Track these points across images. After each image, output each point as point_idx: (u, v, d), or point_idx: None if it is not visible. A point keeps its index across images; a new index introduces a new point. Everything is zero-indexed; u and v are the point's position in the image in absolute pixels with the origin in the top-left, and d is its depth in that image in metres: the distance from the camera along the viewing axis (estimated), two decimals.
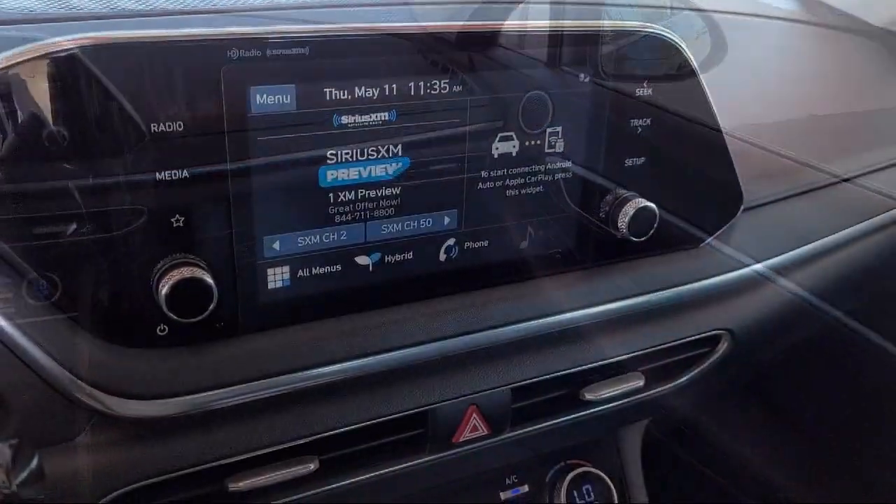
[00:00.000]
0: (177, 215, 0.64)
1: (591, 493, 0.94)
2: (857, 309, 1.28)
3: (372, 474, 0.82)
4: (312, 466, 0.76)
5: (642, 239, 0.84)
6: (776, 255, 0.99)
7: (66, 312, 0.63)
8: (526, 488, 0.96)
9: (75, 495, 0.67)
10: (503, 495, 0.95)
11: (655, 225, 0.84)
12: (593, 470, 0.96)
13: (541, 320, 0.83)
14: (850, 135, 1.18)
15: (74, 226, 0.62)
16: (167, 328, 0.67)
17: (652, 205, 0.83)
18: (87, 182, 0.61)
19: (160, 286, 0.64)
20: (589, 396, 0.89)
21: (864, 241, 1.11)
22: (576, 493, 0.93)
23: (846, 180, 1.08)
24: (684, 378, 0.98)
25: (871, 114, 1.24)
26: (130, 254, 0.64)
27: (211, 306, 0.65)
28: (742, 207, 0.93)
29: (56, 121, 0.59)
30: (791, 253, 1.00)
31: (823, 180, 1.06)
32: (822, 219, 1.04)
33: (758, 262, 0.97)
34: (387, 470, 0.82)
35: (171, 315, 0.64)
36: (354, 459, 0.81)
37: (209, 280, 0.65)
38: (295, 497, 0.78)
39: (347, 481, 0.80)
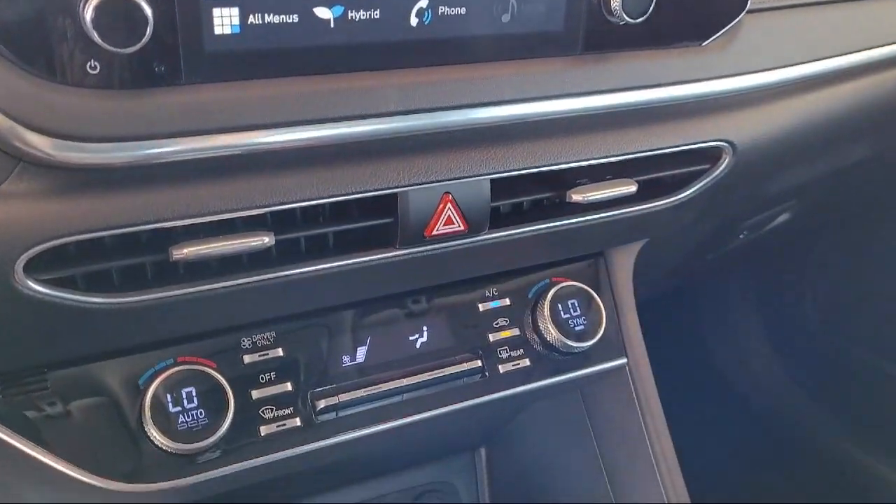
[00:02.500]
0: None
1: (577, 308, 0.87)
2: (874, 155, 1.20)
3: (336, 264, 0.75)
4: (267, 240, 0.69)
5: (639, 20, 0.76)
6: (785, 66, 0.90)
7: None
8: (507, 301, 0.89)
9: None
10: (482, 307, 0.88)
11: (653, 4, 0.76)
12: (581, 285, 0.89)
13: (524, 104, 0.75)
14: None
15: None
16: (98, 65, 0.60)
17: None
18: None
19: (86, 5, 0.56)
20: (576, 198, 0.82)
21: (891, 72, 1.03)
22: (560, 308, 0.87)
23: None
24: (681, 194, 0.90)
25: None
26: None
27: (146, 33, 0.58)
28: (749, 5, 0.85)
29: None
30: (802, 67, 0.92)
31: None
32: (841, 34, 0.96)
33: (764, 70, 0.89)
34: (353, 261, 0.76)
35: (98, 39, 0.57)
36: (316, 244, 0.74)
37: (142, 3, 0.57)
38: (248, 279, 0.72)
39: (307, 269, 0.74)
